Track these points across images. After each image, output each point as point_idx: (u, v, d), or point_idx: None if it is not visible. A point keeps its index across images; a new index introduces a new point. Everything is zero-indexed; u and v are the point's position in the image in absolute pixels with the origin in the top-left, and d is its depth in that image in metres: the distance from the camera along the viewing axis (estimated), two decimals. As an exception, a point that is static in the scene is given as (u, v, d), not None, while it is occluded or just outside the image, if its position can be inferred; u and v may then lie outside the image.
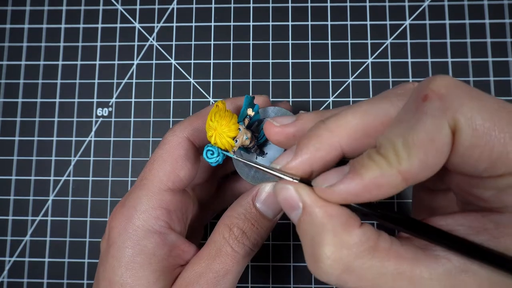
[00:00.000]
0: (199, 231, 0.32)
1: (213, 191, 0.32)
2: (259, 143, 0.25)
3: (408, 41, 0.35)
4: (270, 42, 0.36)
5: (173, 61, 0.36)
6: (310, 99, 0.35)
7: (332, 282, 0.16)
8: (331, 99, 0.35)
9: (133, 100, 0.35)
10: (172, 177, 0.24)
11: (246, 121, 0.24)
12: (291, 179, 0.18)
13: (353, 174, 0.16)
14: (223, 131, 0.22)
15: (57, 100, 0.36)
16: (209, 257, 0.23)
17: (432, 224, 0.18)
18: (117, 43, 0.36)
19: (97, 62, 0.36)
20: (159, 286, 0.22)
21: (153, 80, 0.36)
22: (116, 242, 0.23)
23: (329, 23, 0.36)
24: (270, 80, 0.35)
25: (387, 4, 0.36)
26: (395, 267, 0.16)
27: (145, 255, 0.22)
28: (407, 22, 0.35)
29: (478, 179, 0.17)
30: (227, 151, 0.23)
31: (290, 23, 0.36)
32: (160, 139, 0.30)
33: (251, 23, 0.36)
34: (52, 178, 0.35)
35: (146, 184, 0.23)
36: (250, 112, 0.24)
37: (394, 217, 0.18)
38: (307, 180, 0.18)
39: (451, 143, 0.15)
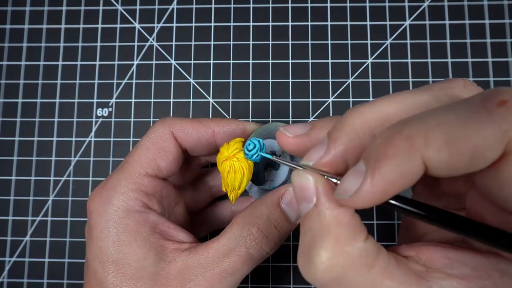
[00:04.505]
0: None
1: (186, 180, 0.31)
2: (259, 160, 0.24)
3: (408, 41, 0.35)
4: (270, 42, 0.36)
5: (173, 62, 0.36)
6: (310, 99, 0.35)
7: (316, 286, 0.16)
8: (331, 99, 0.35)
9: (133, 100, 0.35)
10: (152, 164, 0.24)
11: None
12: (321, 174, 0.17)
13: (372, 171, 0.14)
14: (230, 145, 0.23)
15: (57, 100, 0.36)
16: (218, 253, 0.22)
17: (431, 255, 0.17)
18: (117, 43, 0.36)
19: (97, 63, 0.36)
20: (150, 261, 0.22)
21: (153, 81, 0.36)
22: (98, 224, 0.23)
23: (329, 23, 0.36)
24: (270, 80, 0.35)
25: (387, 4, 0.36)
26: (387, 286, 0.15)
27: (129, 232, 0.23)
28: (407, 22, 0.35)
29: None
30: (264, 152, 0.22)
31: (290, 23, 0.36)
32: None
33: (251, 23, 0.36)
34: (52, 178, 0.35)
35: (127, 168, 0.24)
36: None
37: (425, 209, 0.16)
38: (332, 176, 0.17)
39: (492, 161, 0.14)
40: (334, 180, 0.17)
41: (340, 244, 0.15)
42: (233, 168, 0.22)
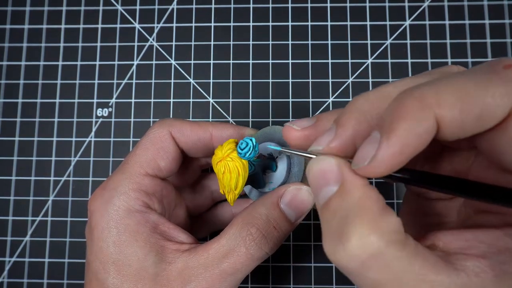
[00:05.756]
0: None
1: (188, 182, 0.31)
2: (254, 160, 0.24)
3: (408, 41, 0.35)
4: (270, 42, 0.36)
5: (173, 62, 0.36)
6: (310, 100, 0.35)
7: (352, 267, 0.15)
8: (331, 99, 0.35)
9: (133, 100, 0.35)
10: (152, 164, 0.24)
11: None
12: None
13: (388, 134, 0.14)
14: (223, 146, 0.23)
15: (57, 100, 0.36)
16: (218, 253, 0.22)
17: (448, 239, 0.17)
18: (117, 44, 0.36)
19: (97, 63, 0.36)
20: (150, 262, 0.22)
21: (153, 81, 0.36)
22: (99, 224, 0.23)
23: (329, 23, 0.36)
24: (270, 80, 0.35)
25: (387, 4, 0.36)
26: (420, 266, 0.15)
27: (129, 233, 0.23)
28: (407, 22, 0.35)
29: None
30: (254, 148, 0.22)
31: (290, 23, 0.36)
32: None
33: (251, 23, 0.36)
34: (52, 178, 0.35)
35: (127, 168, 0.24)
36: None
37: (442, 178, 0.16)
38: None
39: (499, 120, 0.14)
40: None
41: (375, 219, 0.15)
42: (228, 168, 0.22)
